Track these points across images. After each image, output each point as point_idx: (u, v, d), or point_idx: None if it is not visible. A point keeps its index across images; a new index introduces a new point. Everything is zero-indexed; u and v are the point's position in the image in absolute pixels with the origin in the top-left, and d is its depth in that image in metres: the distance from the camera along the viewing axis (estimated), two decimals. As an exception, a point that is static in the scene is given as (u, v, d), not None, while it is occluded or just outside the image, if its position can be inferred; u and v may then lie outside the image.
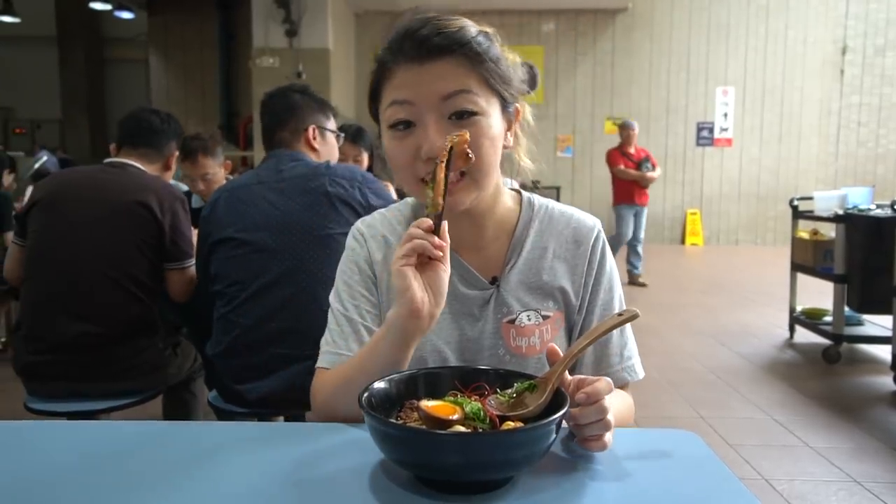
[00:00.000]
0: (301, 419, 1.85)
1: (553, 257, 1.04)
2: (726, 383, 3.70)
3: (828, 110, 10.46)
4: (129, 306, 2.01)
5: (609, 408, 0.76)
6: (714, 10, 10.37)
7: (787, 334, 4.75)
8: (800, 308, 4.69)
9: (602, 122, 10.61)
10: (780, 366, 4.14)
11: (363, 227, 1.08)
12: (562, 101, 10.58)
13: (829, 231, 4.49)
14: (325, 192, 1.83)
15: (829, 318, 4.32)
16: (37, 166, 5.47)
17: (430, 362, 0.99)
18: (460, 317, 1.02)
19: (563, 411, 0.70)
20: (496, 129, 0.94)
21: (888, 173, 10.42)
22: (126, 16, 10.49)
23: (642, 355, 1.07)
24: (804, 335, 4.63)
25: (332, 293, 1.06)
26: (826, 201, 4.49)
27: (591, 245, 1.05)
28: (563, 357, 0.81)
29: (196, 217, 2.15)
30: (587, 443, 0.77)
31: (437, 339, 1.00)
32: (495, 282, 1.02)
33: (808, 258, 4.50)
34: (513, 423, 0.73)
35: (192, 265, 2.11)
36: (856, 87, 10.41)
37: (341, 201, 1.83)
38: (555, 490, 0.71)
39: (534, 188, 1.15)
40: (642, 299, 6.07)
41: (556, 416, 0.69)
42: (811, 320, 4.48)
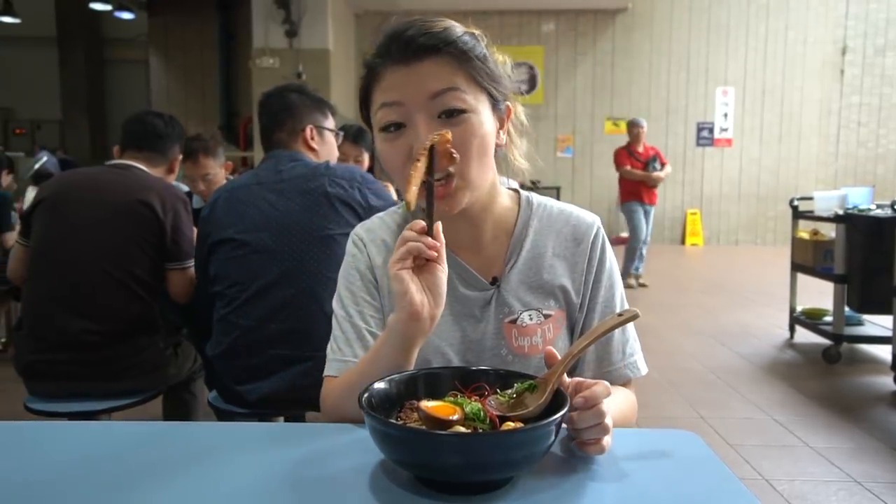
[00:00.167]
0: (301, 419, 1.84)
1: (553, 256, 1.04)
2: (726, 383, 3.70)
3: (828, 110, 10.46)
4: (130, 304, 2.02)
5: (607, 412, 0.76)
6: (714, 11, 10.37)
7: (788, 334, 4.75)
8: (800, 308, 4.69)
9: (602, 122, 10.62)
10: (781, 366, 4.14)
11: (363, 233, 1.08)
12: (562, 102, 10.58)
13: (829, 231, 4.48)
14: (325, 192, 1.82)
15: (829, 318, 4.32)
16: (37, 167, 5.47)
17: (434, 364, 0.99)
18: (462, 318, 1.02)
19: (563, 412, 0.70)
20: (487, 126, 0.94)
21: (888, 173, 10.42)
22: (126, 16, 10.49)
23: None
24: (804, 335, 4.63)
25: (334, 300, 1.05)
26: (826, 201, 4.49)
27: (591, 242, 1.05)
28: (564, 357, 0.81)
29: (197, 217, 2.16)
30: (585, 446, 0.77)
31: (440, 340, 1.00)
32: (496, 282, 1.02)
33: (808, 258, 4.50)
34: (513, 424, 0.73)
35: (193, 265, 2.11)
36: (856, 87, 10.41)
37: (341, 202, 1.83)
38: (555, 490, 0.71)
39: (533, 188, 1.16)
40: (642, 299, 6.07)
41: (556, 416, 0.69)
42: (811, 320, 4.48)
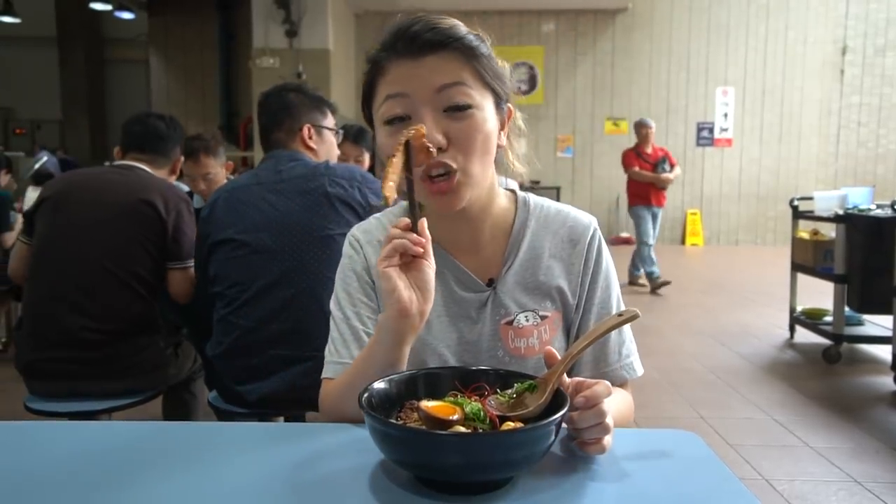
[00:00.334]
0: (301, 419, 1.85)
1: (549, 257, 1.04)
2: (726, 383, 3.70)
3: (828, 110, 10.46)
4: (131, 304, 2.02)
5: (608, 411, 0.76)
6: (714, 11, 10.37)
7: (788, 334, 4.75)
8: (800, 308, 4.69)
9: (602, 122, 10.62)
10: (781, 366, 4.14)
11: (359, 234, 1.08)
12: (562, 102, 10.58)
13: (830, 231, 4.48)
14: (325, 192, 1.82)
15: (829, 318, 4.32)
16: (37, 167, 5.48)
17: (431, 365, 0.99)
18: (458, 319, 1.02)
19: (563, 412, 0.70)
20: (490, 124, 0.94)
21: (888, 173, 10.42)
22: (126, 16, 10.50)
23: (642, 355, 1.07)
24: (804, 335, 4.63)
25: (332, 301, 1.05)
26: (826, 201, 4.49)
27: (588, 243, 1.04)
28: (564, 357, 0.81)
29: (197, 217, 2.16)
30: (586, 446, 0.77)
31: (436, 342, 1.00)
32: (492, 283, 1.02)
33: (809, 258, 4.50)
34: (513, 424, 0.73)
35: (194, 265, 2.11)
36: (856, 87, 10.41)
37: (341, 202, 1.82)
38: (555, 490, 0.71)
39: (533, 188, 1.16)
40: (642, 299, 6.07)
41: (556, 416, 0.69)
42: (811, 320, 4.48)
